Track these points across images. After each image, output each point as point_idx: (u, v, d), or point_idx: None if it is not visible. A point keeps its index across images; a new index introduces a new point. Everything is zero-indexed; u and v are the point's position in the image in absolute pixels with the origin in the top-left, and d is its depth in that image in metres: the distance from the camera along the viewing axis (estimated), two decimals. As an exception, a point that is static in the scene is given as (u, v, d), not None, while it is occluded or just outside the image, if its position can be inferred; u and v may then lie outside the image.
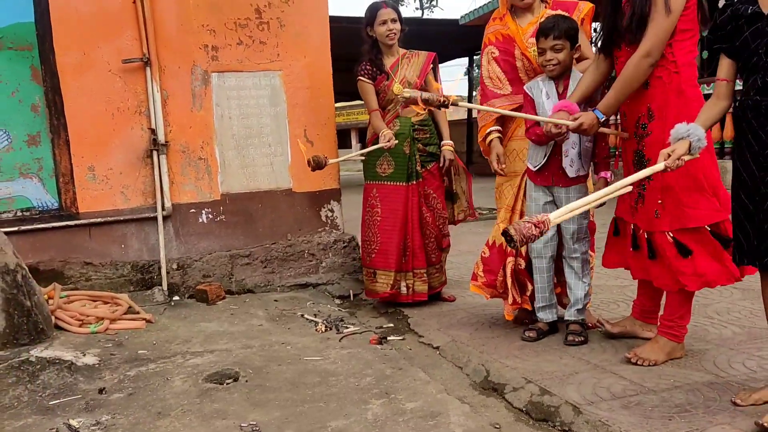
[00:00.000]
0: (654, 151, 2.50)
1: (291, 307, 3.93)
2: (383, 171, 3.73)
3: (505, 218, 3.16)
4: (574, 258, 2.96)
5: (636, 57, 2.45)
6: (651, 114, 2.54)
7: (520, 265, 3.10)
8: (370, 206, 3.80)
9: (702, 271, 2.48)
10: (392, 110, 3.74)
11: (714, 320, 3.09)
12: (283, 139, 4.36)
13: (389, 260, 3.72)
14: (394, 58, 3.76)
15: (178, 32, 4.09)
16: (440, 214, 3.82)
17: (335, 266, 4.49)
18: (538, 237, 1.97)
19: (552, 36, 2.80)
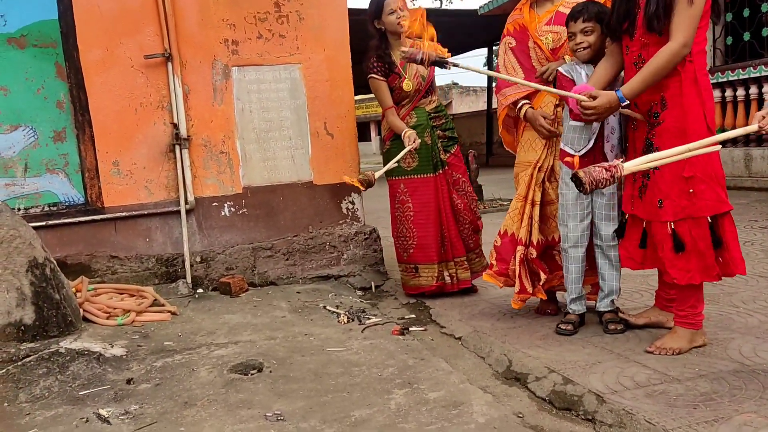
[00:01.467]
0: (663, 139, 2.51)
1: (313, 299, 3.96)
2: (408, 165, 3.71)
3: (515, 207, 3.15)
4: (611, 246, 2.90)
5: (674, 46, 2.42)
6: (664, 103, 2.53)
7: (531, 254, 3.08)
8: (400, 202, 3.77)
9: (690, 266, 2.51)
10: (407, 104, 3.73)
11: (740, 309, 3.06)
12: (303, 131, 4.39)
13: (430, 253, 3.71)
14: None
15: (199, 27, 4.13)
16: (471, 197, 3.82)
17: (356, 258, 4.52)
18: (610, 182, 1.91)
19: (582, 19, 2.79)
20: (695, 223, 2.49)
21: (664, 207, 2.53)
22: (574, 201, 2.92)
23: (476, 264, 3.84)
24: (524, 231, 3.08)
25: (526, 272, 3.10)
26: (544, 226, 3.13)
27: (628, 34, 2.59)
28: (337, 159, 4.46)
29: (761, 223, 5.22)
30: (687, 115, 2.47)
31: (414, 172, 3.72)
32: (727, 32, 8.20)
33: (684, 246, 2.51)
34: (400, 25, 3.62)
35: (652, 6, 2.45)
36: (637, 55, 2.56)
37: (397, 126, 3.69)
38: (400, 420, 2.22)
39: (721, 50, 8.28)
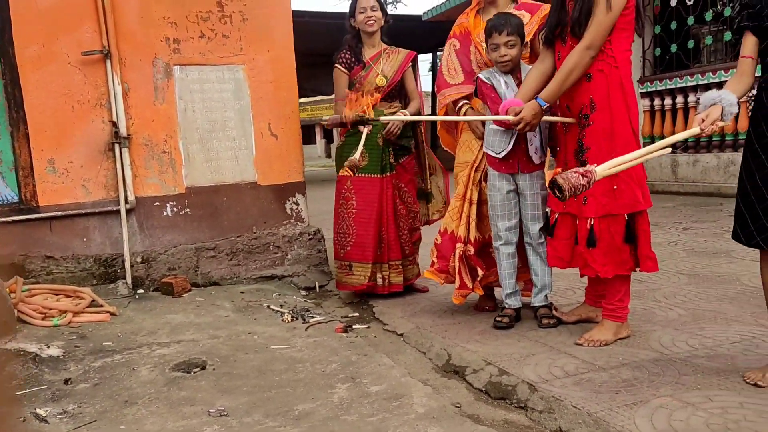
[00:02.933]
0: (593, 140, 2.67)
1: (257, 299, 3.97)
2: (358, 163, 3.71)
3: (455, 206, 3.23)
4: (540, 244, 3.03)
5: (579, 48, 2.58)
6: (593, 105, 2.66)
7: (469, 251, 3.17)
8: (344, 198, 3.79)
9: (606, 260, 2.66)
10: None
11: (661, 303, 3.25)
12: (247, 132, 4.39)
13: (366, 252, 3.74)
14: (375, 50, 3.79)
15: (139, 24, 4.08)
16: (411, 207, 3.86)
17: (301, 258, 4.55)
18: (586, 187, 1.99)
19: (505, 32, 2.90)
20: (614, 219, 2.64)
21: (588, 204, 2.67)
22: (501, 202, 3.04)
23: (409, 271, 3.88)
24: (463, 229, 3.17)
25: (465, 268, 3.18)
26: (482, 224, 3.22)
27: (561, 40, 2.72)
28: (282, 160, 4.48)
29: (685, 225, 5.52)
30: (614, 118, 2.62)
31: (363, 170, 3.72)
32: (656, 44, 8.61)
33: (596, 242, 2.65)
34: (368, 25, 3.72)
35: (576, 13, 2.60)
36: None
37: (346, 113, 3.66)
38: (342, 412, 2.28)
39: (650, 61, 8.70)
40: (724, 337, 2.68)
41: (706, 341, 2.65)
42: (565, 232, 2.85)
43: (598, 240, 2.66)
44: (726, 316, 2.95)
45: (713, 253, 4.32)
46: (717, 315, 2.98)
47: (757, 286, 3.41)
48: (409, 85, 3.83)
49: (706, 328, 2.80)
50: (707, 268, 3.93)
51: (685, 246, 4.63)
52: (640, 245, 2.69)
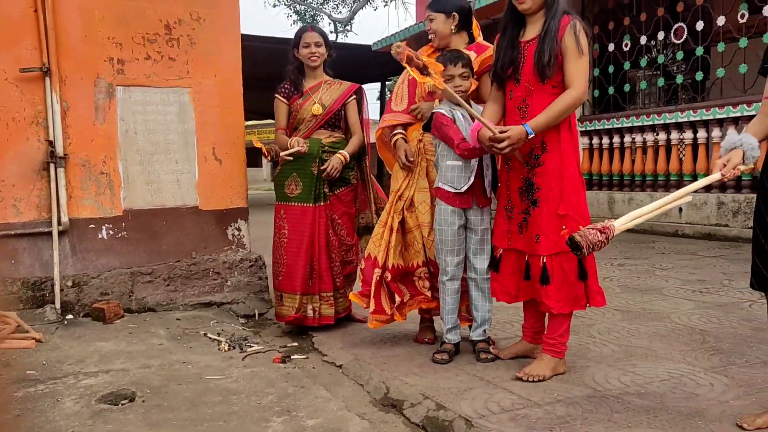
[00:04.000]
0: (544, 180, 2.73)
1: (194, 326, 3.86)
2: (291, 192, 3.71)
3: (377, 232, 3.25)
4: (485, 279, 3.04)
5: (576, 93, 2.62)
6: (545, 146, 2.73)
7: (386, 277, 3.19)
8: (278, 228, 3.78)
9: (560, 296, 2.72)
10: (303, 130, 3.75)
11: (596, 339, 3.32)
12: (190, 156, 4.31)
13: (295, 283, 3.69)
14: (316, 82, 3.79)
15: (82, 43, 3.98)
16: (345, 240, 3.82)
17: (241, 285, 4.46)
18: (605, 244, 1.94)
19: (461, 64, 2.96)
20: (567, 257, 2.66)
21: (540, 242, 2.71)
22: (452, 237, 3.05)
23: (340, 304, 3.83)
24: (381, 255, 3.19)
25: (385, 294, 3.19)
26: (407, 252, 3.24)
27: (513, 80, 2.77)
28: (225, 185, 4.42)
29: (620, 261, 5.70)
30: (564, 159, 2.70)
31: (295, 199, 3.72)
32: (595, 85, 9.00)
33: (549, 278, 2.70)
34: (312, 60, 3.72)
35: (546, 56, 2.63)
36: (522, 99, 2.74)
37: (282, 141, 3.74)
38: (276, 448, 2.22)
39: (590, 101, 9.06)
40: (654, 374, 2.75)
41: (637, 378, 2.71)
42: (510, 267, 2.89)
43: (551, 277, 2.70)
44: (656, 354, 3.03)
45: (645, 290, 4.46)
46: (648, 352, 3.06)
47: (686, 324, 3.55)
48: (350, 118, 3.82)
49: (638, 365, 2.87)
50: (640, 304, 4.05)
51: (620, 282, 4.76)
52: (590, 281, 2.75)
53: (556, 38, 2.64)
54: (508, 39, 2.78)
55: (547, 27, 2.66)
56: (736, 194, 6.90)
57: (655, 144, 8.01)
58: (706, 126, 7.38)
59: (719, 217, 7.04)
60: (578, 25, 2.67)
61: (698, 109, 7.42)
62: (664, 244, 6.71)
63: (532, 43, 2.72)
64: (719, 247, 6.36)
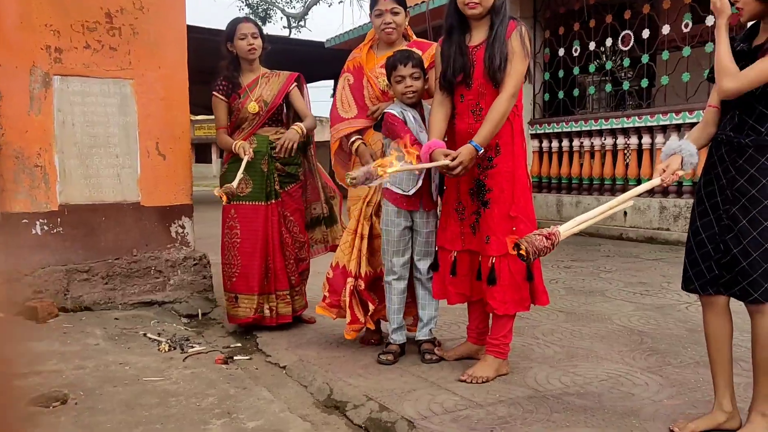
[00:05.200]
0: (496, 182, 2.78)
1: (133, 326, 3.77)
2: (241, 191, 3.61)
3: (346, 240, 3.25)
4: (429, 279, 3.09)
5: (506, 97, 2.67)
6: (498, 149, 2.78)
7: (360, 286, 3.20)
8: (229, 228, 3.70)
9: (506, 298, 2.77)
10: (247, 128, 3.68)
11: (539, 340, 3.40)
12: (132, 150, 4.20)
13: (251, 283, 3.65)
14: (254, 76, 3.72)
15: (17, 29, 3.83)
16: (297, 237, 3.80)
17: (184, 284, 4.38)
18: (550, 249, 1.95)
19: (411, 64, 2.97)
20: (514, 258, 2.69)
21: (490, 243, 2.76)
22: (398, 237, 3.08)
23: (297, 302, 3.81)
24: (354, 263, 3.19)
25: (357, 303, 3.20)
26: (373, 258, 3.24)
27: (465, 85, 2.79)
28: (169, 181, 4.33)
29: (566, 263, 5.84)
30: (516, 161, 2.78)
31: (247, 198, 3.66)
32: (545, 89, 9.19)
33: (496, 279, 2.74)
34: (250, 53, 3.64)
35: (497, 61, 2.67)
36: (475, 103, 2.77)
37: (226, 143, 3.66)
38: (214, 451, 2.19)
39: (540, 105, 9.25)
40: (593, 374, 2.83)
41: (577, 379, 2.78)
42: (464, 269, 2.93)
43: (498, 278, 2.74)
44: (597, 354, 3.12)
45: (589, 292, 4.58)
46: (589, 353, 3.15)
47: (626, 326, 3.66)
48: (298, 105, 3.77)
49: (579, 366, 2.95)
50: (583, 306, 4.16)
51: (565, 284, 4.88)
52: (536, 281, 2.81)
53: (505, 42, 2.69)
54: (456, 44, 2.79)
55: (496, 31, 2.70)
56: (678, 199, 7.17)
57: (602, 148, 8.25)
58: (650, 132, 7.64)
59: (661, 221, 7.30)
60: (524, 29, 2.74)
61: (643, 116, 7.67)
62: (609, 247, 6.92)
63: (480, 47, 2.75)
64: (660, 250, 6.60)
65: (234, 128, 3.73)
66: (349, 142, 3.29)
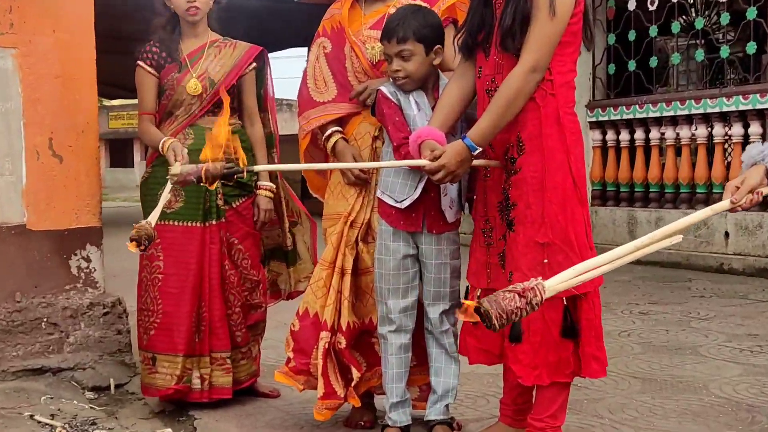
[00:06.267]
0: (521, 193, 2.74)
1: (15, 405, 3.74)
2: (168, 205, 3.61)
3: (320, 277, 3.24)
4: (444, 332, 3.06)
5: (520, 71, 2.64)
6: (521, 145, 2.75)
7: (339, 343, 3.17)
8: (149, 258, 3.73)
9: (537, 361, 2.71)
10: (182, 116, 3.71)
11: (605, 420, 3.36)
12: (14, 149, 4.18)
13: (175, 340, 3.64)
14: (199, 43, 3.76)
15: None
16: (248, 275, 3.80)
17: (90, 343, 4.34)
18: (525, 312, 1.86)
19: (396, 38, 2.94)
20: (548, 304, 2.68)
21: (513, 281, 2.65)
22: (395, 270, 3.06)
23: (242, 369, 3.81)
24: (330, 311, 3.17)
25: (334, 368, 3.18)
26: (359, 303, 3.25)
27: (483, 51, 2.81)
28: (68, 193, 4.30)
29: (642, 308, 5.83)
30: (547, 163, 2.72)
31: (175, 216, 3.67)
32: (609, 58, 9.18)
33: (521, 334, 2.68)
34: (190, 13, 3.66)
35: (507, 19, 2.67)
36: (491, 79, 2.78)
37: (151, 136, 3.66)
38: None
39: (602, 80, 9.24)
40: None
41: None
42: None
43: (525, 332, 2.69)
44: (688, 440, 3.12)
45: (676, 349, 4.57)
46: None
47: (729, 397, 3.64)
48: (247, 100, 3.82)
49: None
50: (667, 370, 4.14)
51: (641, 337, 4.86)
52: (584, 340, 2.76)
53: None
54: None
55: None
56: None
57: (693, 142, 8.25)
58: (761, 117, 7.64)
59: (780, 246, 7.30)
60: None
61: (750, 94, 7.66)
62: (704, 283, 6.91)
63: None
64: (779, 289, 6.63)
65: (164, 115, 3.76)
66: (324, 136, 3.30)
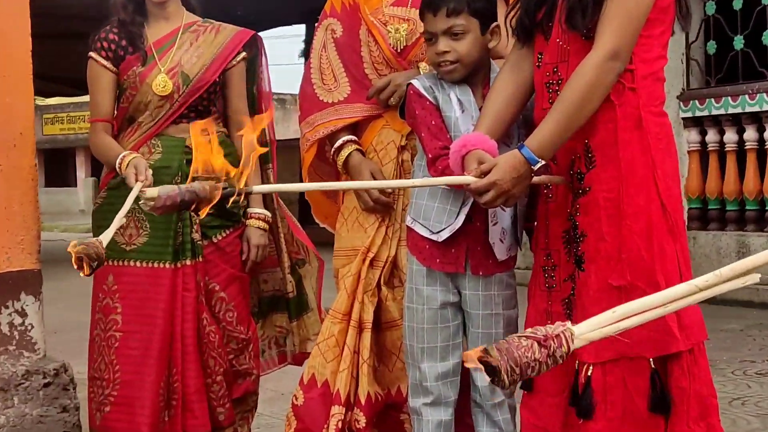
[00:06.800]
0: (591, 221, 2.72)
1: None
2: (129, 239, 3.69)
3: (330, 333, 3.29)
4: (497, 405, 3.05)
5: (596, 59, 2.62)
6: (590, 155, 2.75)
7: (357, 421, 3.21)
8: (103, 309, 3.73)
9: None
10: (147, 123, 3.71)
11: None
12: None
13: (138, 419, 3.63)
14: (170, 28, 3.79)
15: None
16: (233, 332, 3.80)
17: (26, 424, 4.35)
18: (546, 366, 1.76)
19: (446, 10, 2.93)
20: (631, 367, 2.65)
21: None
22: (432, 323, 3.05)
23: None
24: (344, 378, 3.21)
25: None
26: (383, 367, 3.32)
27: (543, 33, 2.82)
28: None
29: (760, 366, 5.76)
30: (626, 181, 2.69)
31: (136, 255, 3.69)
32: (709, 34, 9.14)
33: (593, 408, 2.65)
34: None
35: None
36: (552, 69, 2.78)
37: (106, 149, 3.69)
38: None
39: (699, 63, 9.20)
40: None
41: None
42: (551, 383, 2.85)
43: (600, 404, 2.67)
44: None
45: (807, 423, 4.54)
46: None
47: None
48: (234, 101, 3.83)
49: None
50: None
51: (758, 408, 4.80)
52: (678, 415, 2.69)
53: None
54: None
55: None
56: None
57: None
58: None
59: None
60: None
61: None
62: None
63: None
64: None
65: (123, 122, 3.78)
66: (334, 148, 3.32)
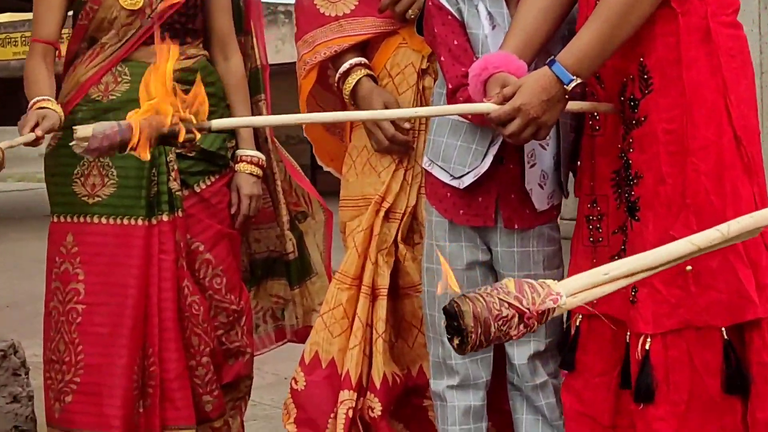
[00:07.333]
0: (648, 158, 2.88)
1: None
2: (92, 190, 3.88)
3: (337, 301, 3.50)
4: (538, 387, 3.32)
5: None
6: (646, 77, 2.89)
7: (371, 409, 3.42)
8: (61, 278, 3.91)
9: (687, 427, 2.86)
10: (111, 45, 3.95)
11: None
12: None
13: (106, 410, 3.83)
14: None
15: None
16: (221, 302, 4.03)
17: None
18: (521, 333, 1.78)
19: None
20: (698, 339, 2.82)
21: (638, 302, 2.87)
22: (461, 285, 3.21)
23: None
24: (355, 357, 3.44)
25: None
26: (402, 343, 3.53)
27: None
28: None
29: None
30: (692, 108, 2.85)
31: (101, 209, 3.88)
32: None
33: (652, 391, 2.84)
34: None
35: None
36: None
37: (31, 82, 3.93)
38: None
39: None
40: None
41: None
42: (597, 358, 3.06)
43: (662, 385, 2.84)
44: None
45: None
46: None
47: None
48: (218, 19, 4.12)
49: None
50: None
51: None
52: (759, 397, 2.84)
53: None
54: None
55: None
56: None
57: None
58: None
59: None
60: None
61: None
62: None
63: None
64: None
65: (83, 44, 4.05)
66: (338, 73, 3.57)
